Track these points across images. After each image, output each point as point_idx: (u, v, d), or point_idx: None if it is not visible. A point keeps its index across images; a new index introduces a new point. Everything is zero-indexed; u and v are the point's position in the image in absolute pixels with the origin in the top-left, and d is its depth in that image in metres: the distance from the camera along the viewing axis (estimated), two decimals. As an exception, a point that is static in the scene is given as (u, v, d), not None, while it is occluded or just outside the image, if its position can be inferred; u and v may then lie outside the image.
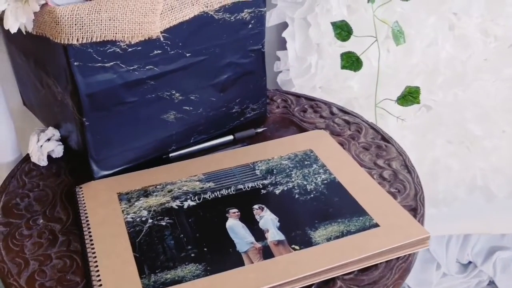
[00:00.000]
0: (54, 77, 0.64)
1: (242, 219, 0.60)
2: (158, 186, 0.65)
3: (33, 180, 0.68)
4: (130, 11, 0.58)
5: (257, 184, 0.65)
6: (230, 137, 0.76)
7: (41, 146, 0.70)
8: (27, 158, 0.72)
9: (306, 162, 0.69)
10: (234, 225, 0.59)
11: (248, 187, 0.65)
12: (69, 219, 0.62)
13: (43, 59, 0.65)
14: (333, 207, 0.61)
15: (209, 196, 0.63)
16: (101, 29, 0.57)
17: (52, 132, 0.71)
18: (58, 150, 0.71)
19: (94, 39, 0.57)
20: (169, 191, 0.64)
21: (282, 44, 0.95)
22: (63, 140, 0.72)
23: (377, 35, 0.84)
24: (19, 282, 0.54)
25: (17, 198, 0.65)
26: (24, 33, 0.60)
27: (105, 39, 0.58)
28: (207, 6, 0.64)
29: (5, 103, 0.71)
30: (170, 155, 0.72)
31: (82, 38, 0.57)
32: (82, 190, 0.65)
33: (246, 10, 0.69)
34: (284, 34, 0.90)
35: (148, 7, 0.59)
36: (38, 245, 0.59)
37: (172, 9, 0.62)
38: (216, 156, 0.71)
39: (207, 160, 0.70)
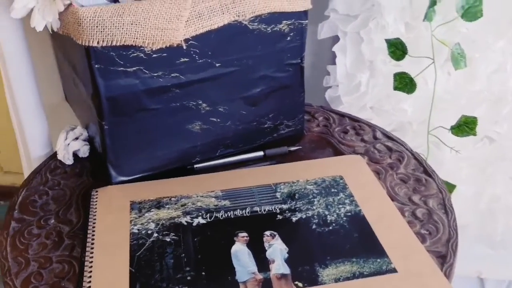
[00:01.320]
0: (80, 77, 0.63)
1: (249, 244, 0.56)
2: (172, 199, 0.63)
3: (55, 178, 0.68)
4: (154, 16, 0.56)
5: (274, 208, 0.61)
6: (260, 153, 0.72)
7: (68, 144, 0.70)
8: (56, 154, 0.72)
9: (332, 190, 0.63)
10: (239, 250, 0.55)
11: (264, 210, 0.61)
12: (79, 222, 0.61)
13: (72, 58, 0.65)
14: (350, 243, 0.56)
15: (221, 216, 0.60)
16: (122, 33, 0.56)
17: (80, 131, 0.71)
18: (84, 150, 0.70)
19: (114, 43, 0.56)
20: (182, 205, 0.62)
21: (334, 58, 0.89)
22: (90, 140, 0.71)
23: (435, 56, 0.77)
24: (14, 282, 0.53)
25: (36, 194, 0.65)
26: (51, 32, 0.59)
27: (124, 44, 0.56)
28: (238, 16, 0.61)
29: (39, 98, 0.72)
30: (195, 166, 0.70)
31: (103, 41, 0.56)
32: (97, 194, 0.64)
33: (284, 21, 0.65)
34: (334, 48, 0.85)
35: (173, 13, 0.57)
36: (43, 246, 0.58)
37: (200, 16, 0.59)
38: (239, 172, 0.68)
39: (229, 176, 0.67)
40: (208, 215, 0.60)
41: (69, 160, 0.70)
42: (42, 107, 0.73)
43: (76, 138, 0.71)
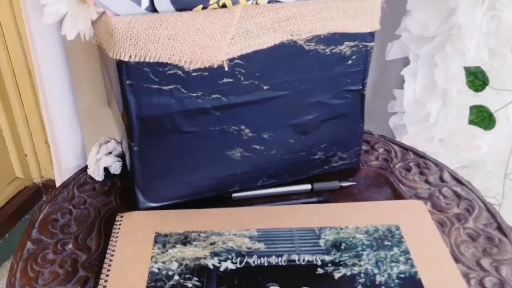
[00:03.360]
0: (114, 90, 0.58)
1: (281, 302, 0.48)
2: (202, 234, 0.56)
3: (82, 195, 0.63)
4: (195, 31, 0.49)
5: (315, 259, 0.53)
6: (307, 187, 0.64)
7: (100, 159, 0.64)
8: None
9: (386, 242, 0.54)
10: (267, 309, 0.48)
11: (303, 260, 0.53)
12: (97, 250, 0.55)
13: (108, 68, 0.59)
14: (400, 315, 0.47)
15: (254, 262, 0.52)
16: (157, 48, 0.49)
17: (113, 145, 0.65)
18: (116, 167, 0.65)
19: (147, 59, 0.49)
20: (211, 244, 0.55)
21: (402, 81, 0.80)
22: (123, 156, 0.66)
23: (521, 91, 0.66)
24: (17, 317, 0.48)
25: (59, 212, 0.60)
26: (83, 41, 0.53)
27: (159, 60, 0.49)
28: (293, 35, 0.53)
29: (73, 105, 0.67)
30: (233, 195, 0.63)
31: (135, 55, 0.49)
32: (121, 220, 0.58)
33: (347, 43, 0.57)
34: (403, 72, 0.75)
35: (217, 29, 0.50)
36: (54, 275, 0.52)
37: (247, 33, 0.51)
38: (280, 209, 0.60)
39: (268, 212, 0.59)
40: (238, 259, 0.53)
41: (99, 176, 0.65)
42: (77, 116, 0.68)
43: (109, 153, 0.65)
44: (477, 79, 0.69)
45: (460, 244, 0.56)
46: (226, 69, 0.51)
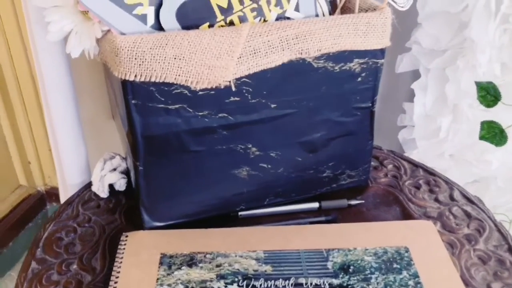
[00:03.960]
0: (119, 107, 0.57)
1: (288, 329, 0.47)
2: (208, 255, 0.55)
3: (86, 213, 0.62)
4: (201, 50, 0.48)
5: (323, 283, 0.52)
6: (315, 205, 0.63)
7: (104, 175, 0.63)
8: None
9: (395, 265, 0.53)
10: (275, 336, 0.47)
11: (311, 284, 0.52)
12: (102, 271, 0.54)
13: (113, 85, 0.58)
14: None
15: (260, 286, 0.51)
16: (162, 67, 0.48)
17: (118, 162, 0.64)
18: (120, 183, 0.64)
19: (153, 79, 0.48)
20: (217, 265, 0.54)
21: (411, 95, 0.78)
22: (128, 172, 0.65)
23: (534, 107, 0.65)
24: None
25: (63, 231, 0.60)
26: (88, 59, 0.52)
27: (165, 81, 0.48)
28: (301, 53, 0.52)
29: (77, 119, 0.66)
30: (240, 213, 0.62)
31: (141, 75, 0.48)
32: (126, 240, 0.57)
33: (357, 60, 0.56)
34: (413, 86, 0.74)
35: (224, 48, 0.49)
36: (58, 298, 0.52)
37: (255, 53, 0.50)
38: (287, 229, 0.59)
39: (275, 232, 0.58)
40: (245, 282, 0.52)
41: (103, 193, 0.64)
42: (80, 129, 0.67)
43: (114, 169, 0.64)
44: (488, 94, 0.67)
45: (471, 267, 0.55)
46: (234, 89, 0.50)
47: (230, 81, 0.50)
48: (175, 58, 0.48)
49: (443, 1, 0.66)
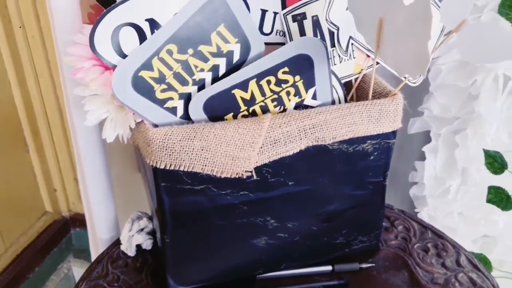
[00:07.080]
0: (147, 180, 0.61)
1: None
2: (228, 321, 0.59)
3: (116, 271, 0.67)
4: (226, 142, 0.53)
5: None
6: (329, 268, 0.67)
7: (132, 236, 0.68)
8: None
9: (402, 337, 0.57)
10: None
11: None
12: (131, 335, 0.59)
13: (143, 162, 0.63)
14: None
15: None
16: (190, 158, 0.53)
17: (145, 223, 0.69)
18: (147, 244, 0.69)
19: (182, 168, 0.53)
20: (237, 332, 0.58)
21: (423, 152, 0.82)
22: (154, 233, 0.69)
23: (540, 178, 0.69)
24: None
25: (94, 290, 0.65)
26: (122, 143, 0.57)
27: (192, 170, 0.53)
28: (318, 141, 0.56)
29: (107, 175, 0.71)
30: (258, 276, 0.66)
31: (171, 165, 0.53)
32: (153, 303, 0.62)
33: (369, 141, 0.60)
34: (424, 149, 0.78)
35: (247, 140, 0.53)
36: None
37: (275, 143, 0.54)
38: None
39: (291, 299, 0.62)
40: None
41: (131, 252, 0.69)
42: (111, 188, 0.72)
43: (141, 229, 0.69)
44: (496, 162, 0.71)
45: (475, 338, 0.58)
46: (255, 177, 0.55)
47: (252, 171, 0.54)
48: (202, 150, 0.53)
49: (453, 75, 0.70)
